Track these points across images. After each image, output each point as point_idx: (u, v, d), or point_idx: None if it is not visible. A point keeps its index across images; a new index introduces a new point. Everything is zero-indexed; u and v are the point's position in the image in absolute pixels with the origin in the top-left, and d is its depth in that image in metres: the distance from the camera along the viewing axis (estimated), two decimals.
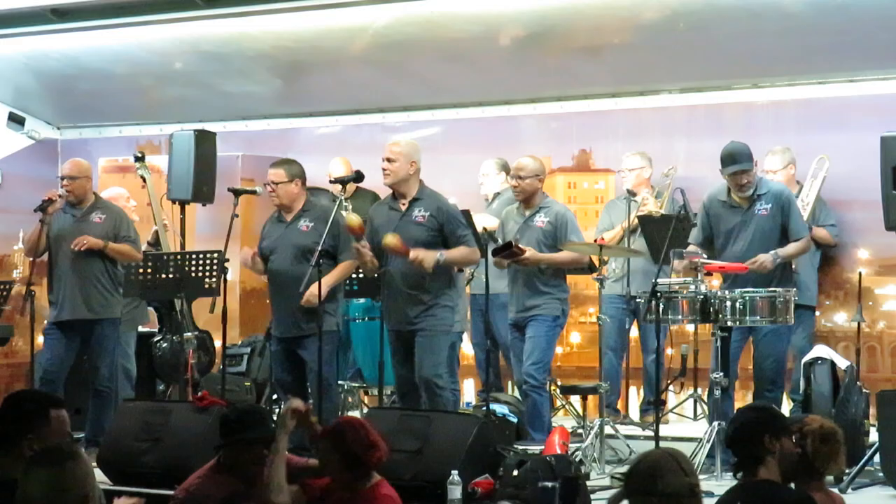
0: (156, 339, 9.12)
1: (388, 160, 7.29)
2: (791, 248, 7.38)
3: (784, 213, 7.39)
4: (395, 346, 7.41)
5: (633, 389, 9.31)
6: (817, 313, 8.74)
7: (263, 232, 7.86)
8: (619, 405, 9.03)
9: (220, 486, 5.35)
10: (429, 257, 7.09)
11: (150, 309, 9.15)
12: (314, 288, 7.22)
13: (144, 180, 9.19)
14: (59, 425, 4.07)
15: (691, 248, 7.55)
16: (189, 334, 8.73)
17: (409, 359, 7.30)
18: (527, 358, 7.74)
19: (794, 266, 7.73)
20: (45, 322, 8.50)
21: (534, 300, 7.80)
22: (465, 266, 7.54)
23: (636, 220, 8.77)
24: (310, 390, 7.52)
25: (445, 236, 7.23)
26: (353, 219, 7.25)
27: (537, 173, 7.95)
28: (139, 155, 9.31)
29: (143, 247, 8.89)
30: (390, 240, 7.08)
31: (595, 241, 8.10)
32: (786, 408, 8.21)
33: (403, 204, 7.32)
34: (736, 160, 7.36)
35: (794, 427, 4.52)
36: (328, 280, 7.34)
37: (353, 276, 8.09)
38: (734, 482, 4.44)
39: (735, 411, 5.96)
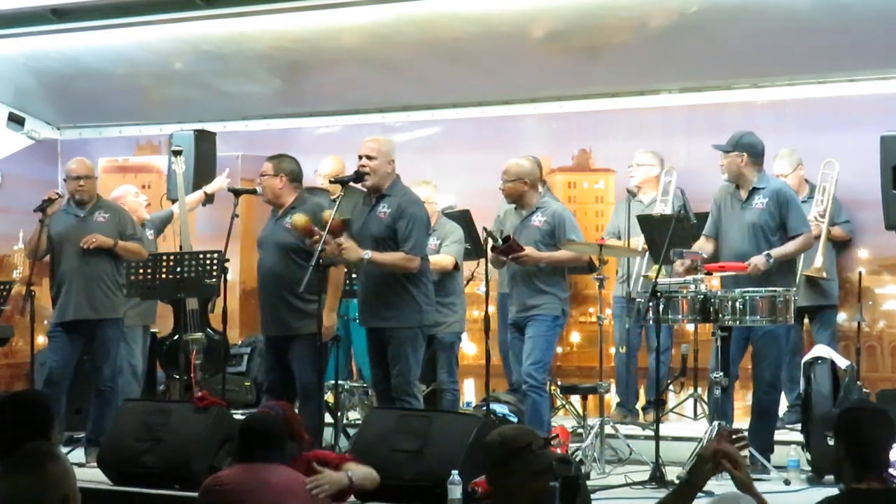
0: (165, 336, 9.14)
1: (369, 157, 7.26)
2: (788, 247, 7.31)
3: (782, 209, 7.34)
4: (368, 345, 7.42)
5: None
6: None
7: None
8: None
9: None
10: (352, 252, 7.09)
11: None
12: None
13: (175, 175, 9.21)
14: None
15: (700, 242, 7.54)
16: (198, 334, 8.75)
17: (380, 358, 7.29)
18: (526, 357, 7.72)
19: (798, 264, 7.75)
20: (46, 322, 8.50)
21: (534, 300, 7.78)
22: (395, 271, 7.20)
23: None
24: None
25: (395, 234, 7.21)
26: (297, 219, 7.19)
27: (521, 176, 7.84)
28: (178, 149, 9.30)
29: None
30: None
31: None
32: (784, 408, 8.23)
33: (373, 199, 7.33)
34: (726, 141, 7.44)
35: None
36: (329, 305, 7.23)
37: (354, 275, 8.07)
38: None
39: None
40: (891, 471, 4.31)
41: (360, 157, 7.31)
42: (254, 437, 5.16)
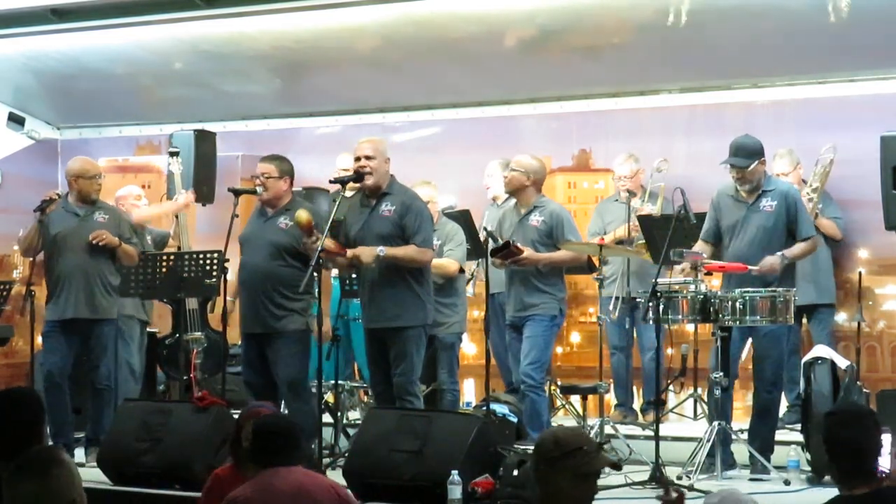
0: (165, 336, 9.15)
1: (368, 157, 7.26)
2: (798, 248, 7.32)
3: (790, 212, 7.33)
4: (367, 345, 7.41)
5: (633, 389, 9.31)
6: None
7: (247, 223, 7.83)
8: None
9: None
10: (366, 253, 7.09)
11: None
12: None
13: (173, 175, 9.22)
14: None
15: (697, 246, 7.53)
16: (198, 334, 8.76)
17: (380, 358, 7.28)
18: (524, 357, 7.72)
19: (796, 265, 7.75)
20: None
21: (532, 300, 7.78)
22: (410, 266, 7.21)
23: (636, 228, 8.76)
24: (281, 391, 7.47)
25: (403, 231, 7.22)
26: (301, 214, 7.18)
27: (528, 170, 7.86)
28: (174, 150, 9.31)
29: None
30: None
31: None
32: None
33: (373, 199, 7.33)
34: (732, 153, 7.37)
35: None
36: (322, 308, 7.23)
37: (354, 275, 8.06)
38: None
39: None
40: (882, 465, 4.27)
41: (359, 158, 7.31)
42: (271, 440, 5.13)
